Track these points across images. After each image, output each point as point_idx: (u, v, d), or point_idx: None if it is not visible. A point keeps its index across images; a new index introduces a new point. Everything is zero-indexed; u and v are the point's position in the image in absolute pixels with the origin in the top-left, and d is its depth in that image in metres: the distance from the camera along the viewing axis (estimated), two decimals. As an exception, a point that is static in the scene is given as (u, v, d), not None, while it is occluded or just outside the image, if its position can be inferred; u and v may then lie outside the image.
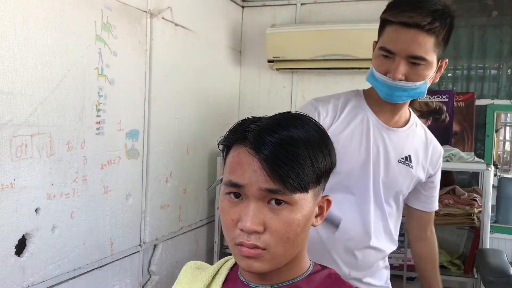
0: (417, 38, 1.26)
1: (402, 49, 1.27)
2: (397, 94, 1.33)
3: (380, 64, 1.32)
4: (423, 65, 1.29)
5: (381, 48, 1.32)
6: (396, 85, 1.30)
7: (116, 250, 2.23)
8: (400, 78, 1.28)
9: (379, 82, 1.33)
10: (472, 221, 2.67)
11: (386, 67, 1.31)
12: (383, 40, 1.33)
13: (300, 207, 0.76)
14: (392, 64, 1.29)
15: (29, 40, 1.70)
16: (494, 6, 3.02)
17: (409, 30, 1.26)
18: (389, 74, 1.30)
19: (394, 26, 1.29)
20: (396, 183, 1.46)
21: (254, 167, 0.74)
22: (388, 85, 1.31)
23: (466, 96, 3.04)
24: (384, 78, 1.31)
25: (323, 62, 3.05)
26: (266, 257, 0.76)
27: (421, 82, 1.31)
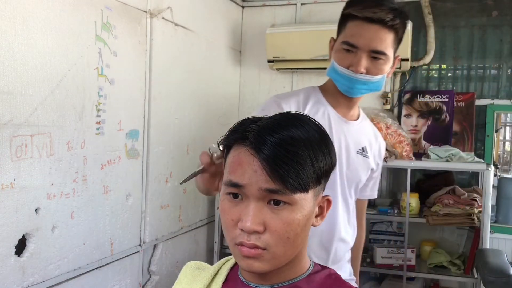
0: (379, 34, 1.31)
1: (365, 43, 1.31)
2: (358, 87, 1.37)
3: (342, 58, 1.35)
4: (383, 60, 1.34)
5: (344, 42, 1.35)
6: (358, 78, 1.34)
7: (116, 250, 2.23)
8: (362, 71, 1.32)
9: (341, 75, 1.36)
10: (472, 221, 2.67)
11: (349, 60, 1.34)
12: (345, 35, 1.35)
13: (300, 207, 0.76)
14: (354, 58, 1.33)
15: (29, 40, 1.70)
16: (494, 6, 3.02)
17: (372, 26, 1.31)
18: (352, 68, 1.33)
19: (358, 21, 1.32)
20: (357, 174, 1.51)
21: (254, 167, 0.74)
22: (350, 78, 1.35)
23: (466, 96, 3.04)
24: (346, 71, 1.35)
25: (323, 62, 3.05)
26: (266, 257, 0.76)
27: (380, 76, 1.36)
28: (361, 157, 1.50)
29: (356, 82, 1.35)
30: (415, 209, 2.87)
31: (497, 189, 3.59)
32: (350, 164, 1.48)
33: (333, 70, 1.39)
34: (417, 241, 3.04)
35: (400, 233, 3.06)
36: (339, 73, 1.37)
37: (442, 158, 2.76)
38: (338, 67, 1.37)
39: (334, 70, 1.39)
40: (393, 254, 2.85)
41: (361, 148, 1.51)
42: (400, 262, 2.83)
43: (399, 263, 2.83)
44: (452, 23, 3.10)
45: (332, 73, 1.41)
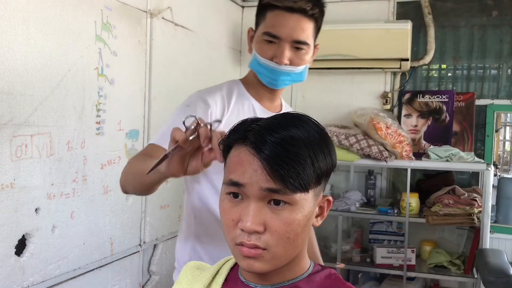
0: (301, 23, 1.30)
1: (287, 34, 1.29)
2: (282, 79, 1.35)
3: (265, 49, 1.32)
4: (305, 50, 1.33)
5: (265, 33, 1.32)
6: (282, 69, 1.32)
7: (116, 250, 2.23)
8: (286, 62, 1.30)
9: (264, 67, 1.34)
10: (472, 221, 2.67)
11: (272, 52, 1.31)
12: (266, 25, 1.32)
13: (300, 207, 0.76)
14: (277, 49, 1.30)
15: (29, 40, 1.70)
16: (494, 6, 3.02)
17: (293, 15, 1.29)
18: (275, 59, 1.31)
19: (278, 11, 1.30)
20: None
21: (254, 167, 0.74)
22: (274, 70, 1.32)
23: (466, 96, 3.04)
24: (270, 63, 1.32)
25: (323, 62, 3.05)
26: (266, 257, 0.76)
27: (303, 67, 1.36)
28: None
29: (280, 73, 1.33)
30: (415, 209, 2.87)
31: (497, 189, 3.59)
32: None
33: (256, 62, 1.36)
34: (417, 241, 3.04)
35: (400, 233, 3.06)
36: (262, 65, 1.34)
37: (442, 158, 2.76)
38: (261, 59, 1.33)
39: (257, 62, 1.35)
40: (393, 254, 2.85)
41: None
42: (400, 262, 2.83)
43: (399, 263, 2.83)
44: (452, 23, 3.10)
45: (255, 65, 1.37)
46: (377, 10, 3.19)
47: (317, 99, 3.34)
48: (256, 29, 1.37)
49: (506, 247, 3.01)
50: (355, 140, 2.82)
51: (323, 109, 3.28)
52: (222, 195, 0.79)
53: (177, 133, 0.86)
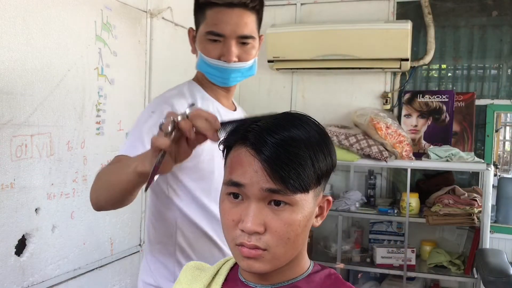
0: (243, 17, 1.27)
1: (232, 30, 1.26)
2: (233, 76, 1.32)
3: (210, 49, 1.29)
4: (251, 44, 1.30)
5: (208, 32, 1.28)
6: (232, 67, 1.29)
7: (116, 250, 2.24)
8: (234, 60, 1.28)
9: (213, 67, 1.30)
10: (472, 221, 2.67)
11: (218, 51, 1.28)
12: (207, 24, 1.28)
13: (301, 208, 0.76)
14: (223, 48, 1.27)
15: (29, 40, 1.70)
16: (494, 6, 3.02)
17: (235, 10, 1.26)
18: (223, 58, 1.28)
19: (218, 8, 1.26)
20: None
21: (255, 168, 0.74)
22: (224, 69, 1.30)
23: (466, 96, 3.04)
24: (218, 62, 1.29)
25: (323, 62, 3.05)
26: (266, 258, 0.76)
27: (252, 61, 1.33)
28: None
29: (231, 71, 1.30)
30: (415, 209, 2.87)
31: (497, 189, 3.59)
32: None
33: (203, 63, 1.32)
34: (417, 241, 3.04)
35: (400, 233, 3.06)
36: (211, 65, 1.30)
37: (442, 158, 2.76)
38: (208, 59, 1.29)
39: (204, 63, 1.31)
40: (393, 254, 2.85)
41: None
42: (400, 262, 2.83)
43: (399, 263, 2.83)
44: (452, 23, 3.10)
45: (202, 66, 1.33)
46: (377, 10, 3.19)
47: (317, 99, 3.34)
48: (197, 29, 1.33)
49: (506, 247, 3.01)
50: (355, 140, 2.82)
51: (323, 109, 3.28)
52: (222, 196, 0.79)
53: (159, 141, 0.83)
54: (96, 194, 1.12)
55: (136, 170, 0.94)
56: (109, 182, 1.08)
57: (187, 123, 0.84)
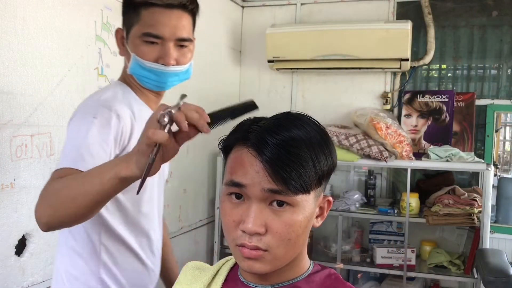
0: (182, 20, 1.22)
1: (171, 32, 1.20)
2: (170, 80, 1.27)
3: (147, 51, 1.21)
4: (188, 47, 1.26)
5: (145, 34, 1.20)
6: (170, 71, 1.23)
7: (116, 250, 2.23)
8: (173, 63, 1.22)
9: (150, 71, 1.23)
10: (472, 221, 2.67)
11: (156, 53, 1.21)
12: (143, 25, 1.20)
13: (302, 209, 0.76)
14: (161, 50, 1.21)
15: (29, 40, 1.70)
16: (494, 6, 3.02)
17: (173, 12, 1.21)
18: (161, 61, 1.21)
19: (156, 8, 1.19)
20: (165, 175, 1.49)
21: (256, 168, 0.74)
22: (162, 73, 1.23)
23: (466, 96, 3.04)
24: (156, 66, 1.22)
25: (323, 62, 3.05)
26: (267, 258, 0.76)
27: (188, 65, 1.29)
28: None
29: (169, 75, 1.25)
30: (415, 209, 2.87)
31: (497, 189, 3.60)
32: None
33: (137, 66, 1.23)
34: (417, 241, 3.04)
35: (400, 233, 3.06)
36: (147, 69, 1.22)
37: (442, 158, 2.76)
38: (145, 62, 1.21)
39: (139, 67, 1.23)
40: (393, 254, 2.85)
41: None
42: (400, 262, 2.83)
43: (399, 263, 2.83)
44: (452, 23, 3.10)
45: (137, 70, 1.24)
46: (377, 10, 3.20)
47: (317, 99, 3.34)
48: (129, 29, 1.24)
49: (506, 247, 3.01)
50: (355, 140, 2.82)
51: (323, 109, 3.29)
52: (222, 196, 0.79)
53: (157, 134, 0.80)
54: (52, 211, 0.98)
55: (118, 176, 0.88)
56: (73, 196, 0.95)
57: (181, 115, 0.82)
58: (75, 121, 1.17)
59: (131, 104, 1.25)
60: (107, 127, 1.14)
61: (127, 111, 1.21)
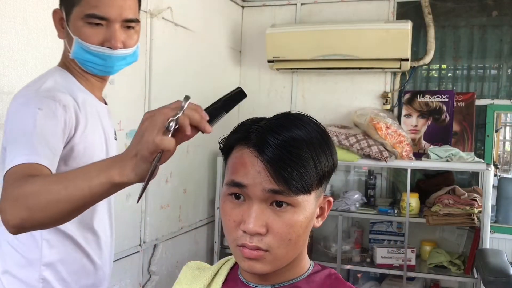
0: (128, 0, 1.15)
1: (117, 13, 1.13)
2: (118, 65, 1.19)
3: (91, 34, 1.12)
4: (135, 28, 1.20)
5: (88, 15, 1.12)
6: (117, 54, 1.15)
7: (116, 250, 2.23)
8: (120, 46, 1.15)
9: (96, 55, 1.15)
10: (472, 221, 2.67)
11: (101, 36, 1.13)
12: (86, 6, 1.12)
13: (303, 209, 0.76)
14: (107, 32, 1.13)
15: (29, 40, 1.70)
16: (494, 6, 3.02)
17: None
18: (107, 44, 1.14)
19: None
20: None
21: (257, 168, 0.74)
22: (109, 57, 1.15)
23: (466, 96, 3.04)
24: (102, 50, 1.14)
25: (323, 62, 3.05)
26: (268, 259, 0.76)
27: (136, 47, 1.22)
28: (115, 142, 1.35)
29: (116, 59, 1.16)
30: (415, 209, 2.87)
31: (497, 189, 3.59)
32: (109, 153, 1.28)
33: (81, 50, 1.14)
34: (417, 241, 3.04)
35: (400, 233, 3.06)
36: (92, 53, 1.14)
37: (442, 158, 2.76)
38: (89, 46, 1.13)
39: (83, 51, 1.14)
40: (393, 254, 2.85)
41: (114, 131, 1.36)
42: (400, 262, 2.83)
43: (399, 263, 2.83)
44: (452, 23, 3.10)
45: (80, 54, 1.15)
46: (377, 10, 3.19)
47: (317, 99, 3.34)
48: (69, 10, 1.15)
49: (506, 247, 3.01)
50: (355, 140, 2.82)
51: (323, 109, 3.29)
52: (223, 196, 0.79)
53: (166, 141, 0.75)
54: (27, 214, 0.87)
55: (111, 181, 0.81)
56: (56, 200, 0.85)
57: (186, 119, 0.77)
58: (17, 113, 1.07)
59: (74, 93, 1.17)
60: (54, 118, 1.07)
61: (71, 101, 1.13)
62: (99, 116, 1.25)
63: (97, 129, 1.23)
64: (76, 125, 1.14)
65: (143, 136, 0.77)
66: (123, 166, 0.80)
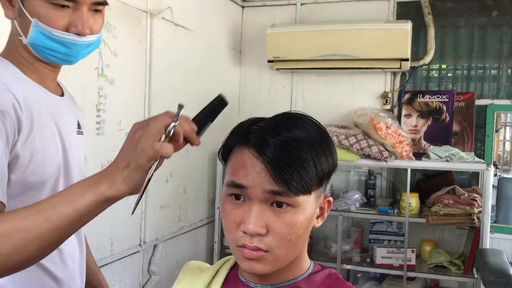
0: None
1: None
2: (82, 53, 1.05)
3: (56, 17, 0.97)
4: (102, 11, 1.06)
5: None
6: (84, 41, 1.01)
7: (116, 250, 2.23)
8: (88, 32, 1.01)
9: (59, 42, 0.99)
10: (472, 221, 2.67)
11: (66, 20, 0.98)
12: None
13: (303, 209, 0.76)
14: (73, 16, 0.98)
15: (29, 40, 1.70)
16: (494, 6, 3.02)
17: None
18: (74, 29, 0.99)
19: None
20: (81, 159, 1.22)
21: (258, 169, 0.74)
22: (75, 44, 1.00)
23: (466, 96, 3.04)
24: (69, 36, 0.99)
25: (323, 62, 3.05)
26: (268, 259, 0.76)
27: (101, 33, 1.08)
28: (81, 136, 1.21)
29: (81, 47, 1.02)
30: (415, 209, 2.88)
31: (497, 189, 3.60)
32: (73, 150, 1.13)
33: (41, 36, 0.98)
34: (417, 241, 3.04)
35: (400, 233, 3.06)
36: (55, 39, 0.98)
37: (442, 158, 2.76)
38: (53, 31, 0.97)
39: (43, 36, 0.98)
40: (393, 254, 2.85)
41: (77, 124, 1.20)
42: (400, 262, 2.83)
43: (399, 263, 2.83)
44: (452, 23, 3.10)
45: (39, 40, 0.99)
46: (377, 10, 3.20)
47: (317, 99, 3.34)
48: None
49: (506, 247, 3.01)
50: (355, 140, 2.82)
51: (323, 109, 3.29)
52: (223, 197, 0.79)
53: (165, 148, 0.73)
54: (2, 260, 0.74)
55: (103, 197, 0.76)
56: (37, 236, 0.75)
57: (180, 129, 0.77)
58: None
59: (14, 87, 0.97)
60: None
61: (9, 100, 0.94)
62: (50, 112, 1.06)
63: (47, 128, 1.04)
64: (18, 129, 0.95)
65: (137, 145, 0.75)
66: (112, 179, 0.76)
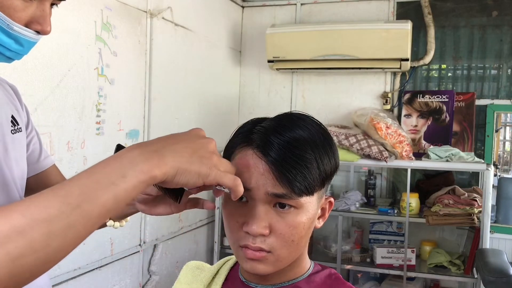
0: None
1: None
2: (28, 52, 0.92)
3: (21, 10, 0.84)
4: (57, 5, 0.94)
5: None
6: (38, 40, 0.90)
7: (116, 250, 2.23)
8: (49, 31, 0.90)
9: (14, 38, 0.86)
10: (472, 221, 2.67)
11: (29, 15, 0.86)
12: None
13: (305, 210, 0.76)
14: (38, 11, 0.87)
15: (29, 40, 1.70)
16: (494, 6, 3.02)
17: None
18: (36, 26, 0.87)
19: None
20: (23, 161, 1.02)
21: (261, 170, 0.73)
22: (30, 43, 0.89)
23: (466, 96, 3.04)
24: (27, 32, 0.86)
25: (323, 62, 3.05)
26: (270, 260, 0.75)
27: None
28: (18, 134, 1.00)
29: (33, 45, 0.90)
30: (415, 209, 2.88)
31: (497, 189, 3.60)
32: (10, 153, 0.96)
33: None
34: (417, 241, 3.04)
35: (400, 233, 3.06)
36: (12, 34, 0.85)
37: (442, 158, 2.76)
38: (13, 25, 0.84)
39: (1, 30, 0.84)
40: (393, 254, 2.85)
41: (12, 121, 1.00)
42: (400, 262, 2.83)
43: (399, 263, 2.83)
44: (452, 23, 3.10)
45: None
46: (377, 10, 3.20)
47: (317, 99, 3.34)
48: None
49: (506, 247, 3.01)
50: (355, 140, 2.82)
51: (323, 109, 3.29)
52: (225, 197, 0.79)
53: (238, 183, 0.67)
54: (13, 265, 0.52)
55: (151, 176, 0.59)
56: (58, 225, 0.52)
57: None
58: None
59: None
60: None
61: None
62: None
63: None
64: None
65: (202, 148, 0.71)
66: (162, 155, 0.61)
